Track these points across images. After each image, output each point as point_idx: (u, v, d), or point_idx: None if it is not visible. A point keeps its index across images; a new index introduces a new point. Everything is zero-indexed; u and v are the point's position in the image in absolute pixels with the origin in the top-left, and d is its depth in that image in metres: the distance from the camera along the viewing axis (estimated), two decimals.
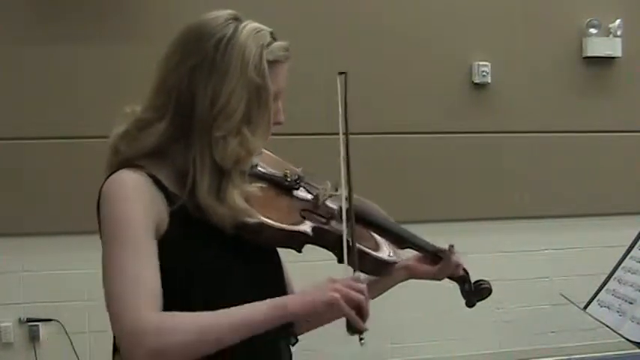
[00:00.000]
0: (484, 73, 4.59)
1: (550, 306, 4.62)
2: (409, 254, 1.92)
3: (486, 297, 1.94)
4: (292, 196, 1.72)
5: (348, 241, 1.59)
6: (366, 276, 1.76)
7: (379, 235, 1.83)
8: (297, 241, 1.63)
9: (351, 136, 1.68)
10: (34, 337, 4.03)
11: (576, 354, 4.68)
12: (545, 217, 4.69)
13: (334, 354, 1.47)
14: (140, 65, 3.74)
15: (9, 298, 4.04)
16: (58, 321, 4.04)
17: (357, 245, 1.67)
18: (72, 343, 4.02)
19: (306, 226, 1.64)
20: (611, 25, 4.75)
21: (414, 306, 4.23)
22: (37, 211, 4.03)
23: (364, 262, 1.70)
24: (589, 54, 4.73)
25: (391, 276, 1.86)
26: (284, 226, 1.60)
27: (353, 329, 1.49)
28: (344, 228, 1.61)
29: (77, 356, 4.03)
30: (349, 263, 1.57)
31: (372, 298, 1.89)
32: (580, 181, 4.74)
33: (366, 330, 1.49)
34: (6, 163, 4.04)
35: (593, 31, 4.72)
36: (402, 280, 1.91)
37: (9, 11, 4.05)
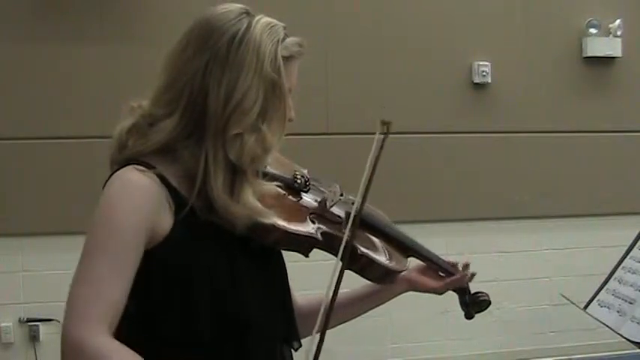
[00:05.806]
0: (484, 73, 4.59)
1: (550, 306, 4.62)
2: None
3: (485, 309, 1.94)
4: (301, 198, 1.68)
5: (346, 242, 1.55)
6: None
7: (385, 242, 1.80)
8: (306, 245, 1.59)
9: (349, 136, 1.68)
10: (34, 337, 4.03)
11: (576, 354, 4.67)
12: (545, 217, 4.69)
13: (334, 351, 1.45)
14: (140, 65, 3.76)
15: (9, 298, 4.04)
16: (58, 321, 4.03)
17: (363, 250, 1.66)
18: None
19: (316, 231, 1.60)
20: (611, 25, 4.75)
21: (413, 306, 4.22)
22: (37, 211, 4.03)
23: (369, 269, 1.69)
24: (589, 54, 4.73)
25: (392, 287, 1.83)
26: (295, 228, 1.56)
27: None
28: (346, 230, 1.57)
29: None
30: (341, 259, 1.53)
31: (368, 310, 1.89)
32: (580, 181, 4.74)
33: None
34: (6, 163, 4.03)
35: (593, 31, 4.72)
36: (400, 293, 1.88)
37: (9, 11, 4.05)
